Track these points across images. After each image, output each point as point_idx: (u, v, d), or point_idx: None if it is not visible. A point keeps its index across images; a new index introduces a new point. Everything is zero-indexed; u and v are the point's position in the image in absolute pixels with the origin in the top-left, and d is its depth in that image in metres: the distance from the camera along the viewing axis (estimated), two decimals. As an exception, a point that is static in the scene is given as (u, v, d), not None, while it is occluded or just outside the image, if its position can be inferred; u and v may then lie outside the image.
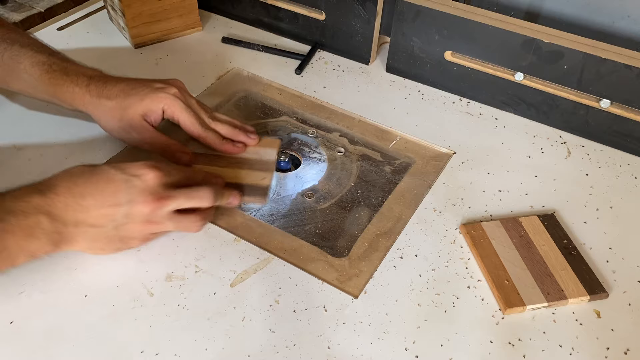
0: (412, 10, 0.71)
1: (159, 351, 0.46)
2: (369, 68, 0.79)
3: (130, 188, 0.48)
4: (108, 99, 0.58)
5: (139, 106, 0.58)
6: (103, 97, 0.58)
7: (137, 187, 0.48)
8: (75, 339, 0.46)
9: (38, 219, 0.45)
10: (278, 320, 0.48)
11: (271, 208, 0.60)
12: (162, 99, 0.58)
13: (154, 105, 0.58)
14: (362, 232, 0.56)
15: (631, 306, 0.50)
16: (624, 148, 0.66)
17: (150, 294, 0.50)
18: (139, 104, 0.58)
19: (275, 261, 0.53)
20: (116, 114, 0.58)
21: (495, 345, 0.47)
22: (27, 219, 0.45)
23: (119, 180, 0.48)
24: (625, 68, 0.61)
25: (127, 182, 0.48)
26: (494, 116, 0.71)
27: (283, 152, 0.64)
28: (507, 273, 0.51)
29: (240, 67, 0.78)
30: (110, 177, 0.48)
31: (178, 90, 0.59)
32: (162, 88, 0.59)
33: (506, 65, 0.69)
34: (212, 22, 0.87)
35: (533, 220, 0.56)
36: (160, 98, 0.58)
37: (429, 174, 0.63)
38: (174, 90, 0.59)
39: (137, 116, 0.58)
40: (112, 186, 0.48)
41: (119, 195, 0.48)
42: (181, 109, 0.58)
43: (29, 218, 0.45)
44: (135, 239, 0.51)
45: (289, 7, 0.81)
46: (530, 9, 0.80)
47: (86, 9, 0.87)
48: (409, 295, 0.50)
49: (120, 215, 0.48)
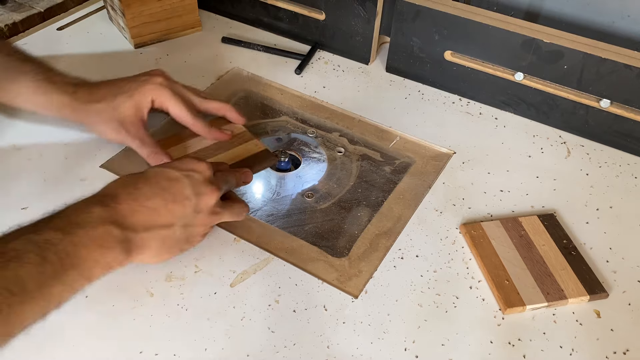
0: (412, 10, 0.71)
1: (159, 351, 0.46)
2: (369, 68, 0.79)
3: (194, 182, 0.48)
4: (97, 102, 0.58)
5: (129, 103, 0.58)
6: (91, 102, 0.58)
7: (199, 180, 0.49)
8: (75, 339, 0.46)
9: (106, 228, 0.43)
10: (278, 320, 0.48)
11: (271, 208, 0.60)
12: (150, 90, 0.58)
13: (142, 99, 0.58)
14: (362, 232, 0.56)
15: (631, 306, 0.50)
16: (624, 148, 0.66)
17: (150, 294, 0.50)
18: (128, 101, 0.58)
19: (275, 261, 0.53)
20: (107, 115, 0.58)
21: (495, 345, 0.47)
22: (95, 230, 0.43)
23: (181, 177, 0.48)
24: (625, 68, 0.61)
25: (188, 177, 0.48)
26: (494, 116, 0.71)
27: (283, 152, 0.64)
28: (507, 273, 0.51)
29: (240, 67, 0.78)
30: (170, 175, 0.48)
31: (164, 79, 0.60)
32: (148, 79, 0.59)
33: (506, 65, 0.69)
34: (212, 22, 0.87)
35: (533, 220, 0.56)
36: (148, 90, 0.58)
37: (429, 174, 0.63)
38: (159, 80, 0.59)
39: (128, 113, 0.58)
40: (175, 183, 0.48)
41: (185, 190, 0.48)
42: (169, 97, 0.59)
43: (97, 229, 0.43)
44: (199, 234, 0.51)
45: (289, 7, 0.81)
46: (530, 9, 0.80)
47: (86, 9, 0.87)
48: (409, 295, 0.50)
49: (189, 210, 0.48)
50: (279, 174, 0.64)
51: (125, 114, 0.58)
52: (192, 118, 0.60)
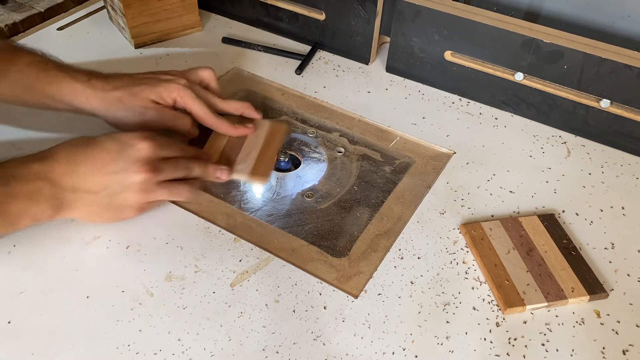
0: (412, 10, 0.71)
1: (159, 351, 0.46)
2: (369, 68, 0.79)
3: (124, 157, 0.50)
4: (114, 90, 0.58)
5: (151, 92, 0.59)
6: (108, 90, 0.58)
7: (131, 156, 0.50)
8: (75, 339, 0.46)
9: (38, 184, 0.48)
10: (278, 320, 0.48)
11: (271, 208, 0.60)
12: (175, 89, 0.59)
13: (165, 94, 0.59)
14: (362, 232, 0.56)
15: (632, 306, 0.50)
16: (624, 148, 0.66)
17: (150, 294, 0.50)
18: (151, 90, 0.59)
19: (275, 261, 0.53)
20: (126, 102, 0.58)
21: (495, 345, 0.47)
22: (28, 185, 0.47)
23: (114, 150, 0.50)
24: (625, 68, 0.61)
25: (121, 151, 0.50)
26: (494, 116, 0.71)
27: (283, 152, 0.64)
28: (507, 273, 0.51)
29: (241, 67, 0.78)
30: (106, 146, 0.50)
31: (187, 81, 0.61)
32: (172, 79, 0.60)
33: (506, 65, 0.69)
34: (212, 22, 0.87)
35: (533, 220, 0.56)
36: (173, 88, 0.59)
37: (429, 174, 0.63)
38: (183, 81, 0.61)
39: (149, 100, 0.59)
40: (106, 155, 0.50)
41: (113, 164, 0.50)
42: (193, 99, 0.60)
43: (30, 183, 0.48)
44: (130, 207, 0.52)
45: (289, 7, 0.81)
46: (530, 9, 0.80)
47: (86, 9, 0.87)
48: (409, 295, 0.50)
49: (114, 183, 0.50)
50: (279, 174, 0.64)
51: (146, 99, 0.59)
52: (216, 118, 0.61)
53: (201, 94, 0.62)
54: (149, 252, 0.53)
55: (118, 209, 0.52)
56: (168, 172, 0.53)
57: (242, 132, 0.63)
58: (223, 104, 0.64)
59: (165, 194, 0.53)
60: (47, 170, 0.48)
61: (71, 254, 0.52)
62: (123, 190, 0.51)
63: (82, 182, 0.50)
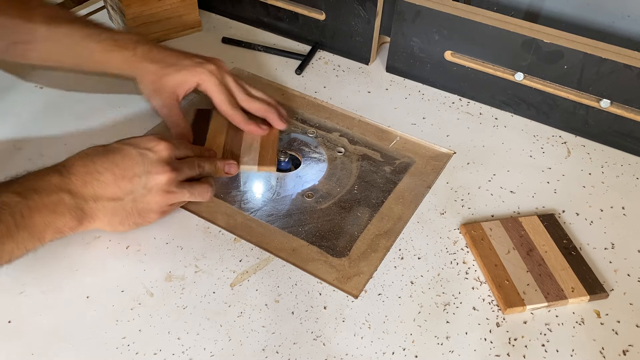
0: (412, 10, 0.70)
1: (159, 351, 0.46)
2: (369, 68, 0.79)
3: (146, 160, 0.51)
4: (151, 62, 0.61)
5: (176, 76, 0.61)
6: (147, 60, 0.61)
7: (152, 158, 0.51)
8: (75, 339, 0.46)
9: (60, 196, 0.47)
10: (278, 320, 0.48)
11: (271, 208, 0.60)
12: (199, 73, 0.61)
13: (189, 78, 0.61)
14: (362, 232, 0.56)
15: (632, 306, 0.50)
16: (625, 148, 0.66)
17: (150, 294, 0.50)
18: (176, 74, 0.61)
19: (275, 261, 0.53)
20: (153, 77, 0.61)
21: (495, 345, 0.47)
22: (49, 197, 0.47)
23: (134, 154, 0.51)
24: (625, 68, 0.61)
25: (141, 155, 0.51)
26: (494, 116, 0.71)
27: (283, 152, 0.64)
28: (507, 273, 0.51)
29: (240, 67, 0.78)
30: (125, 152, 0.51)
31: (216, 68, 0.63)
32: (201, 63, 0.62)
33: (506, 65, 0.69)
34: (212, 22, 0.87)
35: (533, 220, 0.56)
36: (197, 72, 0.61)
37: (429, 174, 0.63)
38: (211, 67, 0.62)
39: (170, 85, 0.61)
40: (128, 160, 0.50)
41: (135, 168, 0.50)
42: (214, 85, 0.62)
43: (52, 195, 0.47)
44: (153, 211, 0.52)
45: (289, 7, 0.81)
46: (530, 9, 0.80)
47: (86, 9, 0.87)
48: (409, 295, 0.50)
49: (138, 187, 0.50)
50: (279, 174, 0.64)
51: (167, 84, 0.61)
52: (231, 109, 0.62)
53: (227, 83, 0.63)
54: (149, 252, 0.53)
55: (141, 214, 0.52)
56: (185, 171, 0.54)
57: (253, 130, 0.64)
58: (246, 101, 0.64)
59: (187, 194, 0.54)
60: (66, 182, 0.48)
61: (71, 254, 0.52)
62: (147, 193, 0.51)
63: (104, 190, 0.49)
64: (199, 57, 0.64)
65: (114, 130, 0.65)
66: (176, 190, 0.52)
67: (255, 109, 0.65)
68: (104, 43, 0.61)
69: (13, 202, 0.45)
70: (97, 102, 0.70)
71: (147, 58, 0.61)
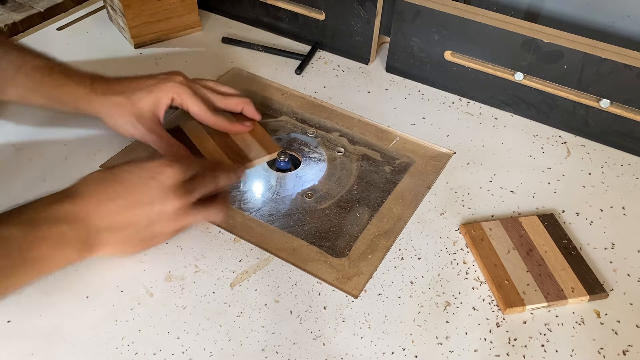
0: (412, 10, 0.71)
1: (158, 351, 0.46)
2: (369, 68, 0.79)
3: (159, 185, 0.48)
4: (115, 95, 0.59)
5: (149, 98, 0.59)
6: (109, 94, 0.59)
7: (165, 183, 0.49)
8: (75, 339, 0.46)
9: (69, 226, 0.46)
10: (277, 320, 0.48)
11: (271, 208, 0.60)
12: (170, 87, 0.60)
13: (162, 95, 0.59)
14: (362, 232, 0.56)
15: (632, 306, 0.50)
16: (624, 148, 0.66)
17: (150, 294, 0.50)
18: (148, 96, 0.59)
19: (275, 261, 0.53)
20: (124, 109, 0.59)
21: (495, 345, 0.47)
22: (58, 227, 0.45)
23: (146, 179, 0.49)
24: (625, 68, 0.61)
25: (154, 180, 0.49)
26: (494, 116, 0.71)
27: (283, 152, 0.64)
28: (507, 273, 0.51)
29: (240, 67, 0.78)
30: (136, 179, 0.49)
31: (183, 79, 0.61)
32: (167, 78, 0.61)
33: (506, 65, 0.69)
34: (212, 22, 0.87)
35: (533, 220, 0.56)
36: (169, 87, 0.60)
37: (429, 174, 0.63)
38: (179, 79, 0.61)
39: (147, 109, 0.59)
40: (140, 187, 0.48)
41: (149, 194, 0.48)
42: (189, 96, 0.60)
43: (61, 226, 0.45)
44: (165, 234, 0.51)
45: (289, 7, 0.81)
46: (530, 9, 0.80)
47: (86, 9, 0.87)
48: (409, 295, 0.50)
49: (153, 213, 0.49)
50: (279, 174, 0.64)
51: (144, 109, 0.59)
52: (213, 116, 0.62)
53: (199, 91, 0.62)
54: (149, 252, 0.53)
55: (154, 237, 0.51)
56: (199, 192, 0.51)
57: (239, 130, 0.63)
58: (222, 101, 0.64)
59: (200, 217, 0.52)
60: (77, 212, 0.46)
61: (71, 254, 0.52)
62: (158, 220, 0.49)
63: (118, 218, 0.48)
64: (159, 75, 0.61)
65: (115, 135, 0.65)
66: (188, 214, 0.51)
67: (233, 105, 0.64)
68: (54, 77, 0.59)
69: (20, 234, 0.43)
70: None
71: (108, 92, 0.59)
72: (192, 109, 0.61)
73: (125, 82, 0.60)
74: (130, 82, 0.60)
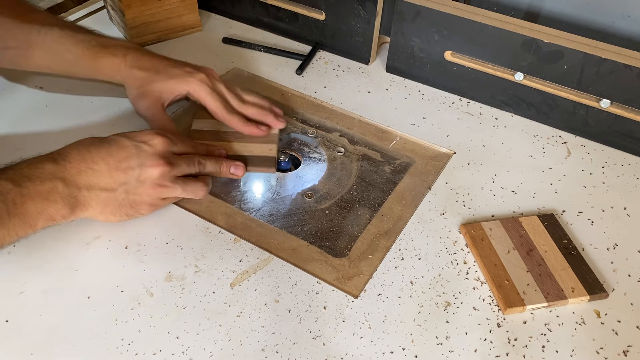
0: (412, 10, 0.71)
1: (158, 351, 0.46)
2: (369, 68, 0.79)
3: (141, 152, 0.51)
4: (140, 70, 0.62)
5: (164, 83, 0.61)
6: (135, 68, 0.62)
7: (147, 151, 0.52)
8: (75, 339, 0.46)
9: (53, 183, 0.48)
10: (278, 320, 0.48)
11: (271, 208, 0.60)
12: (189, 82, 0.62)
13: (177, 86, 0.61)
14: (362, 232, 0.56)
15: (632, 306, 0.50)
16: (625, 148, 0.66)
17: (150, 294, 0.50)
18: (163, 82, 0.61)
19: (275, 261, 0.53)
20: (140, 82, 0.62)
21: (495, 345, 0.47)
22: (43, 184, 0.47)
23: (130, 146, 0.51)
24: (625, 68, 0.61)
25: (137, 147, 0.51)
26: (494, 116, 0.71)
27: (283, 152, 0.64)
28: (507, 273, 0.51)
29: (241, 67, 0.78)
30: (121, 143, 0.51)
31: (206, 76, 0.62)
32: (191, 73, 0.62)
33: (506, 65, 0.69)
34: (212, 22, 0.87)
35: (533, 220, 0.56)
36: (188, 82, 0.62)
37: (429, 174, 0.63)
38: (201, 76, 0.62)
39: (156, 90, 0.61)
40: (123, 151, 0.51)
41: (130, 160, 0.51)
42: (207, 93, 0.62)
43: (45, 183, 0.47)
44: (145, 203, 0.53)
45: (289, 7, 0.81)
46: (530, 9, 0.80)
47: (86, 9, 0.87)
48: (409, 295, 0.50)
49: (132, 178, 0.51)
50: (279, 174, 0.64)
51: (154, 89, 0.61)
52: (228, 114, 0.62)
53: (219, 90, 0.63)
54: (148, 252, 0.53)
55: (133, 205, 0.52)
56: (182, 167, 0.54)
57: (253, 132, 0.63)
58: (241, 108, 0.64)
59: (180, 190, 0.54)
60: (61, 170, 0.49)
61: (71, 254, 0.52)
62: (140, 185, 0.51)
63: (98, 179, 0.50)
64: (189, 66, 0.63)
65: (114, 130, 0.65)
66: (169, 185, 0.53)
67: (251, 114, 0.64)
68: (93, 49, 0.61)
69: (6, 190, 0.45)
70: (97, 102, 0.70)
71: (136, 65, 0.61)
72: (209, 104, 0.62)
73: (156, 60, 0.63)
74: (159, 63, 0.63)
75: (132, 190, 0.51)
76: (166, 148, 0.53)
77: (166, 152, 0.53)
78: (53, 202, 0.48)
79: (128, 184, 0.51)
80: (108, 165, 0.50)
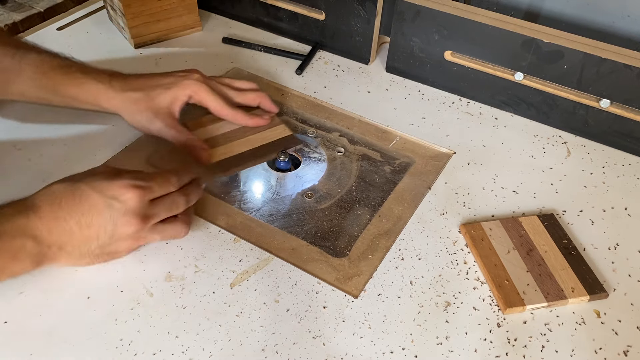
0: (412, 10, 0.70)
1: (158, 351, 0.46)
2: (369, 68, 0.79)
3: (112, 212, 0.48)
4: (133, 91, 0.60)
5: (167, 95, 0.60)
6: (128, 90, 0.60)
7: (119, 209, 0.48)
8: (75, 339, 0.46)
9: (23, 242, 0.46)
10: (277, 320, 0.48)
11: (271, 208, 0.60)
12: (188, 85, 0.61)
13: (180, 92, 0.61)
14: (362, 232, 0.56)
15: (632, 306, 0.50)
16: (625, 148, 0.66)
17: (150, 294, 0.50)
18: (166, 93, 0.60)
19: (275, 261, 0.53)
20: (143, 105, 0.60)
21: (495, 345, 0.47)
22: (12, 241, 0.45)
23: (100, 206, 0.47)
24: (625, 68, 0.61)
25: (108, 205, 0.47)
26: (494, 116, 0.71)
27: (283, 152, 0.64)
28: (507, 273, 0.51)
29: (241, 67, 0.78)
30: (92, 201, 0.47)
31: (200, 76, 0.62)
32: (185, 76, 0.62)
33: (506, 65, 0.69)
34: (212, 22, 0.87)
35: (533, 220, 0.56)
36: (186, 85, 0.61)
37: (429, 174, 0.63)
38: (196, 76, 0.62)
39: (164, 105, 0.60)
40: (94, 210, 0.47)
41: (101, 219, 0.47)
42: (207, 93, 0.62)
43: (15, 240, 0.46)
44: (123, 252, 0.51)
45: (289, 7, 0.81)
46: (530, 9, 0.80)
47: (86, 9, 0.87)
48: (409, 295, 0.50)
49: (105, 237, 0.48)
50: (279, 174, 0.64)
51: (161, 105, 0.60)
52: (232, 111, 0.63)
53: (216, 88, 0.63)
54: (149, 252, 0.53)
55: (110, 254, 0.50)
56: (160, 214, 0.50)
57: (259, 123, 0.64)
58: (239, 96, 0.65)
59: (159, 237, 0.51)
60: (31, 227, 0.46)
61: (71, 254, 0.52)
62: (114, 241, 0.49)
63: (70, 238, 0.47)
64: (178, 73, 0.63)
65: (113, 130, 0.65)
66: (146, 236, 0.50)
67: (250, 100, 0.66)
68: (74, 75, 0.59)
69: None
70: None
71: (128, 88, 0.60)
72: (211, 105, 0.62)
73: (143, 79, 0.62)
74: (148, 79, 0.61)
75: (107, 246, 0.49)
76: (139, 203, 0.48)
77: (139, 207, 0.48)
78: (20, 260, 0.46)
79: (100, 240, 0.48)
80: (79, 225, 0.47)
